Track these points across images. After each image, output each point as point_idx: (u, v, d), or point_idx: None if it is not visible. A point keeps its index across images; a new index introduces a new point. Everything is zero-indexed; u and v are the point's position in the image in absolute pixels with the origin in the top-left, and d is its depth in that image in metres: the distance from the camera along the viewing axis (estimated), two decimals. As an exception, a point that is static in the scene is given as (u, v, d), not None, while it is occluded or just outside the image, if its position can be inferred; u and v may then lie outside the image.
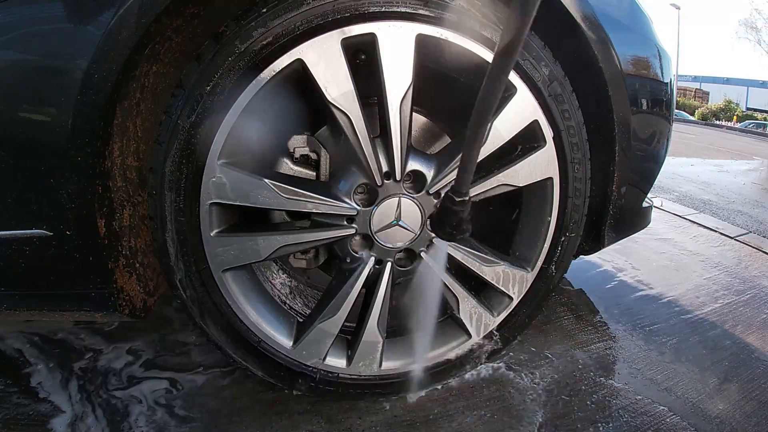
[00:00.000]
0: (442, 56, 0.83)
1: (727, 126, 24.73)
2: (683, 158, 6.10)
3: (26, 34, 0.69)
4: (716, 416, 1.02)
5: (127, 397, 0.97)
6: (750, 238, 2.39)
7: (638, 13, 1.00)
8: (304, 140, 0.92)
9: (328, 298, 0.91)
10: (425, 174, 0.87)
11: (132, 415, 0.92)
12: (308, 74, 0.76)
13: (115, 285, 0.82)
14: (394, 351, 0.97)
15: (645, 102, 0.97)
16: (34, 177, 0.72)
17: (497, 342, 1.03)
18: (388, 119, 0.80)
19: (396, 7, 0.76)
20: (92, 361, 1.07)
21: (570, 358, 1.20)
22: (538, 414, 0.99)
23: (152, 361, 1.08)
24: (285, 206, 0.81)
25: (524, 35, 0.53)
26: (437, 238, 0.90)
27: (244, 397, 1.00)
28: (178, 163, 0.76)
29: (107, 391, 0.98)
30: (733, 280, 1.80)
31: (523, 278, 0.98)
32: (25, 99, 0.70)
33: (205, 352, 1.11)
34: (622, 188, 1.01)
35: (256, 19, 0.74)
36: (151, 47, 0.77)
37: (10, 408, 0.92)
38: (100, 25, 0.67)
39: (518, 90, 0.85)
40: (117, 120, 0.77)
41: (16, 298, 0.84)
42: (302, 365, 0.92)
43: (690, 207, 3.03)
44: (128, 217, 0.86)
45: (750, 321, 1.47)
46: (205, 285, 0.84)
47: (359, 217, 0.86)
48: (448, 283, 0.93)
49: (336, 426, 0.93)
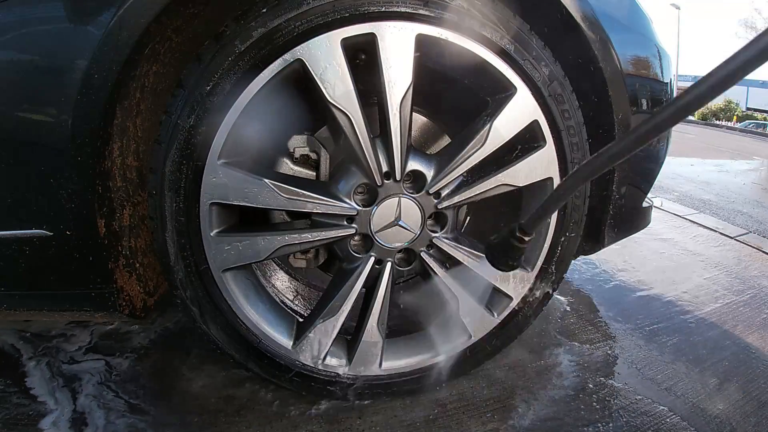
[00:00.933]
0: (442, 56, 0.83)
1: (727, 126, 24.73)
2: (683, 158, 6.10)
3: (26, 34, 0.69)
4: (716, 416, 1.02)
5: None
6: (750, 238, 2.39)
7: (638, 13, 1.00)
8: (304, 140, 0.92)
9: (328, 298, 0.91)
10: (425, 174, 0.87)
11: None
12: (308, 74, 0.76)
13: (115, 285, 0.82)
14: (393, 351, 0.97)
15: (645, 102, 0.97)
16: (34, 177, 0.72)
17: (499, 340, 1.02)
18: (388, 119, 0.80)
19: (396, 7, 0.76)
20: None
21: (570, 357, 1.20)
22: (539, 414, 0.99)
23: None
24: (285, 206, 0.81)
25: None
26: (437, 238, 0.90)
27: (244, 397, 1.00)
28: (178, 163, 0.76)
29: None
30: (733, 280, 1.80)
31: (523, 278, 0.98)
32: (25, 99, 0.70)
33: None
34: (622, 188, 1.01)
35: (256, 19, 0.74)
36: (151, 47, 0.77)
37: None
38: (100, 25, 0.67)
39: (518, 90, 0.85)
40: (117, 120, 0.77)
41: (16, 298, 0.84)
42: (302, 365, 0.92)
43: (690, 207, 3.03)
44: (128, 217, 0.86)
45: (750, 321, 1.47)
46: (205, 285, 0.84)
47: (359, 217, 0.85)
48: (449, 284, 0.93)
49: (336, 426, 0.93)
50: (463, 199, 0.89)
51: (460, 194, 0.89)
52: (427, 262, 0.92)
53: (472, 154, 0.86)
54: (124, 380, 1.02)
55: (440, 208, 0.89)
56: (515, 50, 0.83)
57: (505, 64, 0.83)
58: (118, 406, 0.95)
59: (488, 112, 0.88)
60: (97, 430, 0.88)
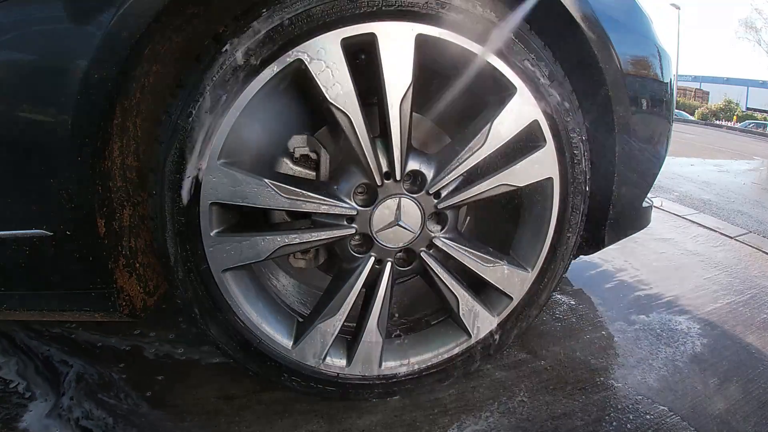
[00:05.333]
0: (442, 56, 0.83)
1: (727, 126, 24.71)
2: (683, 158, 6.10)
3: (26, 34, 0.69)
4: (716, 416, 1.02)
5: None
6: (750, 238, 2.38)
7: (638, 13, 1.00)
8: (304, 140, 0.92)
9: (328, 298, 0.91)
10: (425, 174, 0.87)
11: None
12: (308, 74, 0.76)
13: (115, 285, 0.82)
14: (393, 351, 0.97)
15: (645, 102, 0.97)
16: (34, 177, 0.72)
17: (496, 342, 1.02)
18: (388, 119, 0.80)
19: (396, 7, 0.76)
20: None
21: (570, 358, 1.20)
22: (539, 414, 0.99)
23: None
24: (285, 206, 0.81)
25: None
26: (437, 238, 0.90)
27: (244, 396, 1.00)
28: (178, 163, 0.76)
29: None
30: (733, 280, 1.80)
31: (523, 278, 0.98)
32: (25, 99, 0.70)
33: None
34: (622, 188, 1.01)
35: (256, 18, 0.73)
36: (151, 47, 0.77)
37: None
38: (100, 25, 0.67)
39: (518, 90, 0.85)
40: (117, 120, 0.77)
41: (16, 298, 0.85)
42: (302, 365, 0.92)
43: (690, 207, 3.03)
44: (128, 217, 0.86)
45: (750, 321, 1.47)
46: (206, 285, 0.83)
47: (359, 217, 0.85)
48: (449, 284, 0.93)
49: (336, 426, 0.93)
50: (463, 199, 0.89)
51: (460, 194, 0.89)
52: (427, 262, 0.92)
53: (472, 154, 0.86)
54: (123, 379, 1.02)
55: (440, 208, 0.89)
56: (515, 50, 0.83)
57: (504, 64, 0.83)
58: (117, 405, 0.95)
59: (488, 112, 0.88)
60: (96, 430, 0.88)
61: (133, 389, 0.99)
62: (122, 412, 0.93)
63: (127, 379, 1.02)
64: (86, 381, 1.01)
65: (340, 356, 0.95)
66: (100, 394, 0.97)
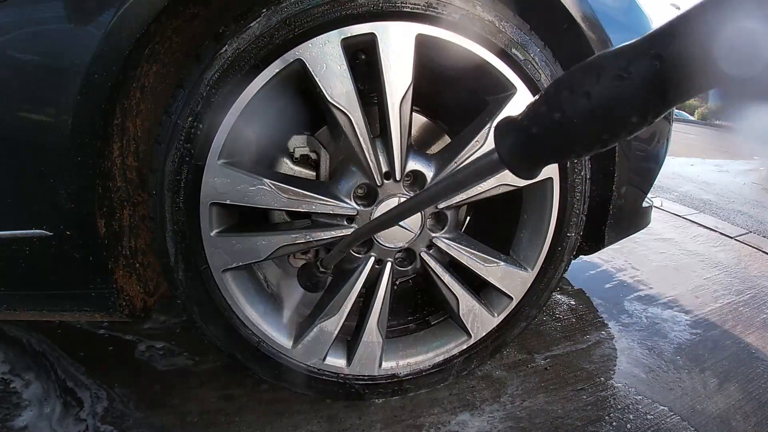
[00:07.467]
0: (442, 56, 0.83)
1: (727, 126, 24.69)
2: (683, 158, 6.09)
3: (26, 34, 0.69)
4: (716, 416, 1.02)
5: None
6: (750, 238, 2.39)
7: (638, 13, 1.00)
8: (304, 140, 0.92)
9: (328, 298, 0.91)
10: (425, 174, 0.87)
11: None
12: (308, 74, 0.76)
13: (115, 285, 0.82)
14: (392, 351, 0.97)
15: (645, 102, 0.97)
16: (34, 177, 0.72)
17: (496, 342, 1.03)
18: (388, 119, 0.80)
19: (396, 7, 0.76)
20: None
21: (569, 358, 1.20)
22: (539, 414, 0.99)
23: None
24: (285, 206, 0.81)
25: None
26: (437, 238, 0.90)
27: (244, 396, 1.00)
28: (178, 163, 0.76)
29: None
30: (733, 280, 1.80)
31: (523, 278, 0.98)
32: (25, 99, 0.70)
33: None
34: (622, 188, 1.01)
35: (256, 19, 0.73)
36: (151, 47, 0.77)
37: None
38: (100, 25, 0.67)
39: (518, 90, 0.85)
40: (117, 120, 0.77)
41: (16, 298, 0.84)
42: (302, 365, 0.92)
43: (690, 207, 3.03)
44: (128, 217, 0.86)
45: (750, 321, 1.47)
46: (205, 285, 0.83)
47: (359, 217, 0.85)
48: (449, 284, 0.93)
49: (336, 425, 0.93)
50: (463, 199, 0.89)
51: (460, 194, 0.89)
52: (427, 262, 0.92)
53: (472, 154, 0.86)
54: (122, 380, 1.02)
55: (440, 208, 0.89)
56: (515, 50, 0.83)
57: (504, 64, 0.83)
58: (117, 405, 0.95)
59: (488, 112, 0.88)
60: (96, 430, 0.88)
61: (133, 389, 0.99)
62: (122, 411, 0.93)
63: (127, 379, 1.02)
64: (85, 381, 1.01)
65: (340, 356, 0.95)
66: (99, 393, 0.97)
